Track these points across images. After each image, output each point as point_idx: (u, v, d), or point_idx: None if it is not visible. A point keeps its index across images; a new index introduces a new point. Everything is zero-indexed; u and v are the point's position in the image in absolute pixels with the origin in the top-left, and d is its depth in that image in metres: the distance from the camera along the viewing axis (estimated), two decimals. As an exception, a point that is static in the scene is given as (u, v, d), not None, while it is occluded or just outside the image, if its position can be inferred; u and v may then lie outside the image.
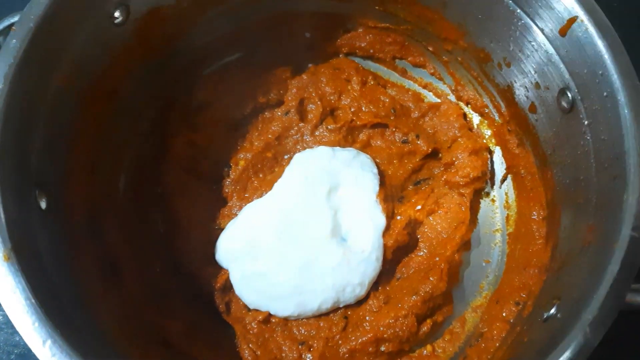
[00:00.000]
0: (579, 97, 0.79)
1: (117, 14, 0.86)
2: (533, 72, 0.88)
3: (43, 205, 0.76)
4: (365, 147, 1.04)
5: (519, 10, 0.85)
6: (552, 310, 0.71)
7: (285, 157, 1.04)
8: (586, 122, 0.77)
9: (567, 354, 0.60)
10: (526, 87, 0.91)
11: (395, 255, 0.95)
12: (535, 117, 0.91)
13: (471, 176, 0.98)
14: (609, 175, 0.71)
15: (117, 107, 0.95)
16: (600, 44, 0.74)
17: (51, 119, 0.78)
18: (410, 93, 1.10)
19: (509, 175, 1.02)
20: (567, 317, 0.66)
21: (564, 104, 0.82)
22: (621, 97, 0.71)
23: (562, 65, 0.81)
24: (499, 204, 1.02)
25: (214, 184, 1.02)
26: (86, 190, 0.90)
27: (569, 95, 0.80)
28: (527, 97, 0.92)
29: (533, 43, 0.85)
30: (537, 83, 0.88)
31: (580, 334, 0.61)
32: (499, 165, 1.04)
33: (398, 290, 0.94)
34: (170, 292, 0.93)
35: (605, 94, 0.73)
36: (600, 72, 0.74)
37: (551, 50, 0.82)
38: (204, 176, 1.02)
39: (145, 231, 0.97)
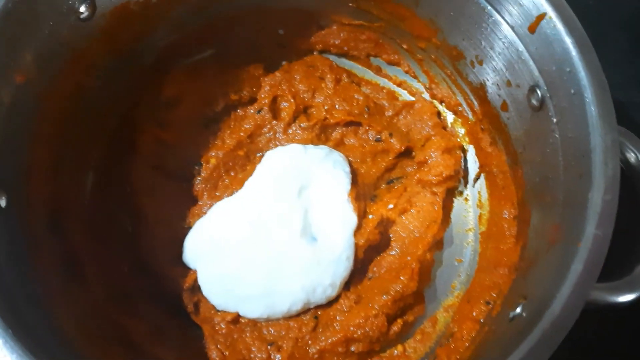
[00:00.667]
0: (548, 95, 0.78)
1: (82, 9, 0.84)
2: (504, 70, 0.88)
3: (2, 203, 0.74)
4: (338, 146, 1.03)
5: (489, 7, 0.84)
6: (518, 310, 0.70)
7: (258, 155, 1.02)
8: (555, 120, 0.77)
9: (528, 353, 0.60)
10: (498, 85, 0.91)
11: (367, 254, 0.94)
12: (507, 116, 0.91)
13: (444, 175, 0.98)
14: (575, 173, 0.71)
15: (83, 104, 0.94)
16: (567, 41, 0.73)
17: (10, 115, 0.76)
18: (384, 91, 1.09)
19: (482, 174, 1.01)
20: (531, 316, 0.65)
21: (534, 101, 0.81)
22: (588, 94, 0.70)
23: (531, 63, 0.81)
24: (472, 202, 1.02)
25: (184, 182, 1.00)
26: (49, 188, 0.88)
27: (539, 93, 0.80)
28: (499, 96, 0.92)
29: (504, 40, 0.85)
30: (508, 81, 0.87)
31: (542, 333, 0.60)
32: (472, 164, 1.03)
33: (369, 290, 0.92)
34: (136, 292, 0.92)
35: (572, 91, 0.72)
36: (567, 69, 0.73)
37: (521, 47, 0.82)
38: (173, 174, 1.00)
39: (112, 230, 0.96)
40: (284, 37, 1.09)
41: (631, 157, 0.77)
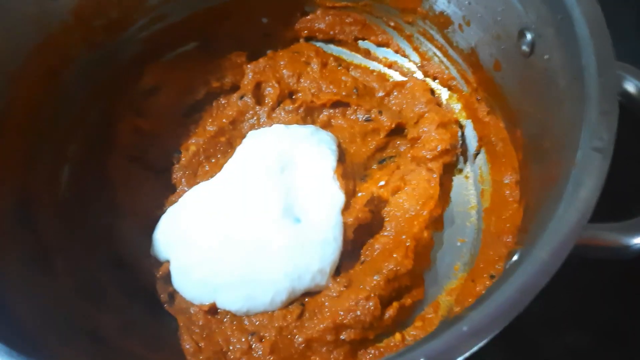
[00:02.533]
0: (538, 34, 0.72)
1: (48, -16, 0.83)
2: (492, 24, 0.82)
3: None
4: (325, 127, 0.97)
5: (469, -45, 0.80)
6: (515, 257, 0.61)
7: (241, 141, 0.97)
8: (546, 57, 0.70)
9: (513, 290, 0.50)
10: (488, 43, 0.85)
11: (358, 235, 0.86)
12: (501, 75, 0.84)
13: (439, 149, 0.90)
14: (570, 102, 0.63)
15: (59, 94, 0.91)
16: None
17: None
18: (374, 74, 1.03)
19: (482, 149, 0.93)
20: (524, 257, 0.56)
21: (525, 47, 0.75)
22: (576, 13, 0.63)
23: (518, 5, 0.75)
24: (473, 180, 0.93)
25: (163, 172, 0.94)
26: (21, 179, 0.85)
27: (528, 35, 0.74)
28: (490, 55, 0.86)
29: (488, -11, 0.79)
30: (497, 34, 0.82)
31: (530, 270, 0.51)
32: (471, 140, 0.95)
33: (361, 274, 0.83)
34: (107, 284, 0.85)
35: (560, 16, 0.66)
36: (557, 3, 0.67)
37: (505, -10, 0.76)
38: (152, 165, 0.94)
39: (86, 223, 0.90)
40: (268, 25, 1.06)
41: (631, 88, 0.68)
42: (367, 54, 1.06)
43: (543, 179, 0.68)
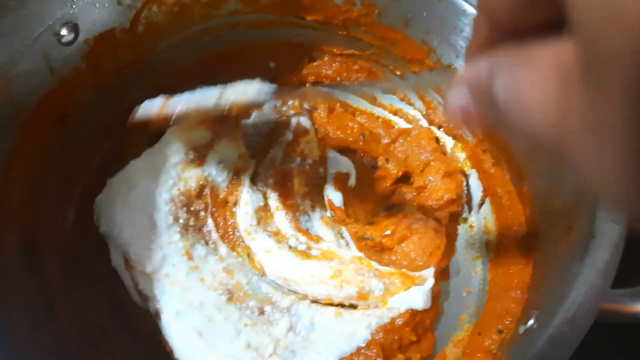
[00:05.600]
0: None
1: (64, 31, 0.83)
2: (500, 81, 0.83)
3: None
4: (332, 173, 0.98)
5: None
6: (530, 322, 0.62)
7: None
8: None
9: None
10: (495, 98, 0.86)
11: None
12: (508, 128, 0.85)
13: (445, 198, 0.91)
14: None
15: (66, 136, 0.91)
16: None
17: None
18: (380, 120, 1.05)
19: (487, 198, 0.94)
20: (542, 324, 0.57)
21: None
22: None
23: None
24: (478, 229, 0.94)
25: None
26: (25, 221, 0.84)
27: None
28: (497, 110, 0.87)
29: (497, 47, 0.81)
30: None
31: (550, 341, 0.52)
32: (476, 189, 0.97)
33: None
34: (112, 330, 0.84)
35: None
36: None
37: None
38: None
39: (90, 267, 0.89)
40: (275, 70, 1.07)
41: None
42: (372, 100, 1.07)
43: (554, 239, 0.69)
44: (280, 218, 0.90)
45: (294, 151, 0.95)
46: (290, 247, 0.87)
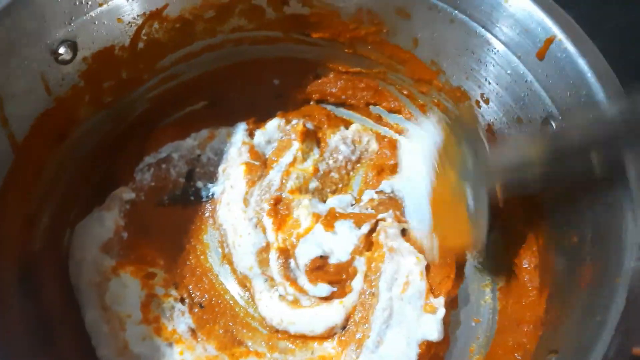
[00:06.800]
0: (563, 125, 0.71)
1: (62, 50, 0.80)
2: (514, 106, 0.81)
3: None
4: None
5: (492, 38, 0.79)
6: (550, 366, 0.59)
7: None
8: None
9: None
10: (507, 124, 0.84)
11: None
12: (520, 155, 0.83)
13: (454, 225, 0.89)
14: (603, 202, 0.62)
15: (65, 157, 0.88)
16: (581, 63, 0.67)
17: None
18: (385, 140, 1.02)
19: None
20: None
21: (549, 135, 0.74)
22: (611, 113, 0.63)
23: (543, 93, 0.75)
24: (487, 254, 0.91)
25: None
26: (22, 246, 0.81)
27: (553, 124, 0.73)
28: (508, 135, 0.84)
29: (510, 72, 0.79)
30: (518, 117, 0.81)
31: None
32: (485, 214, 0.94)
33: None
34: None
35: (591, 116, 0.65)
36: (584, 92, 0.66)
37: (530, 77, 0.76)
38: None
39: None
40: (279, 87, 1.04)
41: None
42: (378, 119, 1.05)
43: (572, 275, 0.66)
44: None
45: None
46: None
